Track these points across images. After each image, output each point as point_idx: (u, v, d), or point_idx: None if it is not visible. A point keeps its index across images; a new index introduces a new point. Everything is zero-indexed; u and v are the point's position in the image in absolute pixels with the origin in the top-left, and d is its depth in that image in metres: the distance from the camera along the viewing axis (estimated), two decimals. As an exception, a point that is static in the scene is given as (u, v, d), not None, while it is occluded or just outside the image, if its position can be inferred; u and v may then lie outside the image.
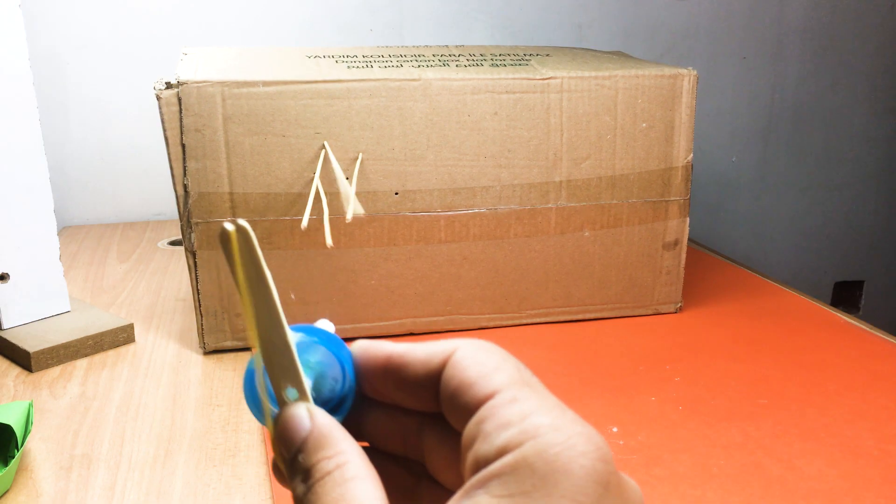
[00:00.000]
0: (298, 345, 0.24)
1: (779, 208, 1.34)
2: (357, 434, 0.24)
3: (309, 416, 0.23)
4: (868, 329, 0.70)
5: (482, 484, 0.20)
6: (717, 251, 0.94)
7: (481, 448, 0.21)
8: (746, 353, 0.65)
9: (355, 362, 0.25)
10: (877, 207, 1.39)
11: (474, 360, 0.23)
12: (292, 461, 0.23)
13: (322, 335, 0.25)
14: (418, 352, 0.24)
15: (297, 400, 0.24)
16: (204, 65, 0.63)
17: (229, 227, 0.22)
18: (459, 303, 0.68)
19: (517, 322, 0.70)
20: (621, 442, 0.52)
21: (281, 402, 0.24)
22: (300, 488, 0.22)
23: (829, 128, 1.32)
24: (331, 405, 0.25)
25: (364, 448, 0.23)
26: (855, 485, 0.47)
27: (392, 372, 0.24)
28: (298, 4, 1.06)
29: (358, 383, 0.25)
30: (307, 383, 0.24)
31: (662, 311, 0.73)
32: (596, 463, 0.20)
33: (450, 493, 0.23)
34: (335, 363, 0.25)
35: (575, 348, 0.66)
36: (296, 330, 0.25)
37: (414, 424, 0.26)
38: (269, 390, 0.24)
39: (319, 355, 0.25)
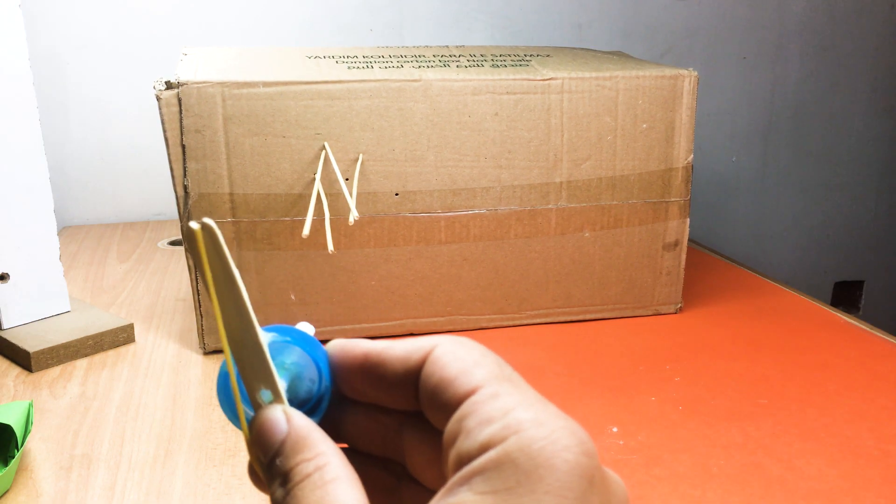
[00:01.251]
0: (271, 345, 0.24)
1: (779, 208, 1.34)
2: (336, 435, 0.24)
3: (285, 419, 0.23)
4: (868, 329, 0.70)
5: (465, 481, 0.20)
6: (717, 251, 0.94)
7: (463, 444, 0.20)
8: (746, 353, 0.65)
9: (332, 362, 0.25)
10: (877, 207, 1.39)
11: (454, 357, 0.22)
12: (270, 465, 0.22)
13: (296, 335, 0.25)
14: (396, 349, 0.24)
15: (271, 402, 0.23)
16: (204, 65, 0.63)
17: (195, 225, 0.22)
18: (459, 303, 0.68)
19: (517, 323, 0.70)
20: (621, 442, 0.52)
21: (255, 405, 0.23)
22: (279, 492, 0.22)
23: (829, 128, 1.32)
24: (307, 406, 0.24)
25: (343, 449, 0.23)
26: (855, 485, 0.47)
27: (370, 371, 0.24)
28: (298, 4, 1.06)
29: (335, 383, 0.25)
30: (281, 385, 0.23)
31: (662, 312, 0.73)
32: (580, 457, 0.19)
33: (431, 493, 0.23)
34: (310, 363, 0.24)
35: (575, 348, 0.66)
36: (269, 330, 0.24)
37: (393, 424, 0.25)
38: (243, 393, 0.23)
39: (294, 356, 0.24)
